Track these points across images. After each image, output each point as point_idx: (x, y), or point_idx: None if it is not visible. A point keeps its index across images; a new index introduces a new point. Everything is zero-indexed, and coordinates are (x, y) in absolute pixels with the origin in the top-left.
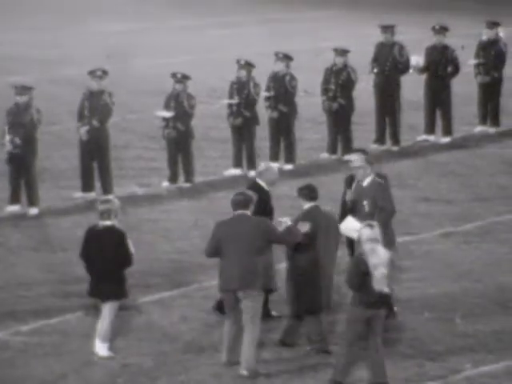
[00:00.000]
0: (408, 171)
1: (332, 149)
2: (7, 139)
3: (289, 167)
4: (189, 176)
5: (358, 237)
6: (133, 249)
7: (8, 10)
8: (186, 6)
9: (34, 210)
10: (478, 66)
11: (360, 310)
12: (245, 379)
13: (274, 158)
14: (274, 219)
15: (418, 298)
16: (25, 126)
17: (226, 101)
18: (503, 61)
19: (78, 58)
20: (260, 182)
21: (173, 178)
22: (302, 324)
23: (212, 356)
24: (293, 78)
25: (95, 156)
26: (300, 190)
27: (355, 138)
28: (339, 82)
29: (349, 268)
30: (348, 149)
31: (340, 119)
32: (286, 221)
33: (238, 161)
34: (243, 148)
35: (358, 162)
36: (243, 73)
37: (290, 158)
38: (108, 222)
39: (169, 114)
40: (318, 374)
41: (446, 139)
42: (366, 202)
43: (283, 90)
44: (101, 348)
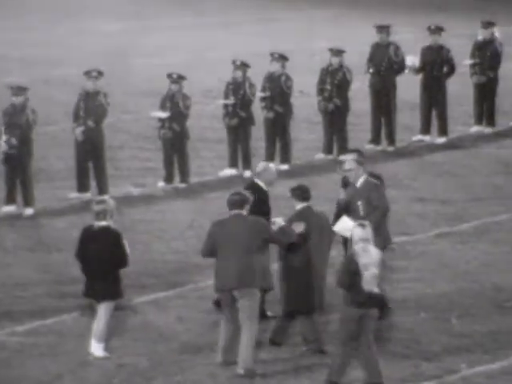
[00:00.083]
0: (403, 171)
1: (327, 149)
2: (3, 140)
3: (284, 167)
4: (184, 176)
5: (350, 236)
6: (128, 249)
7: (2, 10)
8: (182, 7)
9: (29, 211)
10: (473, 66)
11: (351, 309)
12: (241, 379)
13: (270, 158)
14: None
15: (414, 298)
16: (21, 127)
17: (222, 101)
18: (499, 61)
19: (74, 58)
20: (258, 181)
21: (168, 179)
22: (292, 324)
23: (208, 356)
24: (288, 78)
25: (90, 156)
26: (293, 190)
27: (351, 138)
28: (335, 83)
29: (340, 267)
30: (344, 149)
31: (335, 119)
32: (279, 221)
33: (233, 161)
34: (239, 148)
35: (349, 164)
36: (239, 73)
37: (285, 158)
38: (103, 223)
39: (164, 115)
40: (314, 375)
41: (441, 139)
42: (360, 203)
43: (279, 91)
44: (96, 348)
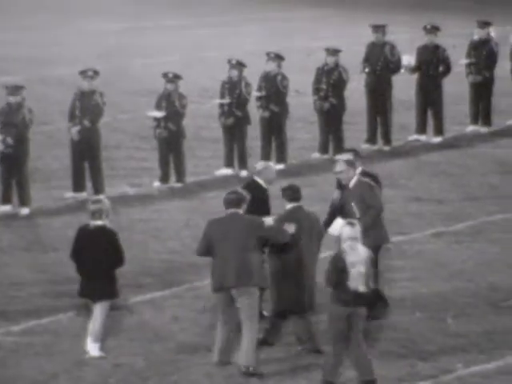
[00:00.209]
0: (399, 171)
1: (323, 148)
2: None
3: (280, 167)
4: (180, 176)
5: (339, 235)
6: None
7: None
8: (177, 6)
9: (25, 210)
10: (469, 65)
11: (338, 307)
12: (237, 379)
13: (266, 157)
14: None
15: (410, 297)
16: (17, 126)
17: (218, 100)
18: (494, 60)
19: (70, 57)
20: (258, 180)
21: (164, 178)
22: (284, 324)
23: (204, 356)
24: (284, 77)
25: (86, 156)
26: (283, 190)
27: (347, 137)
28: (331, 82)
29: (328, 266)
30: (339, 148)
31: (331, 119)
32: (268, 221)
33: (229, 160)
34: (234, 148)
35: (339, 166)
36: (235, 72)
37: (281, 157)
38: (99, 222)
39: (160, 114)
40: (311, 374)
41: (437, 139)
42: (353, 203)
43: (274, 90)
44: (92, 348)
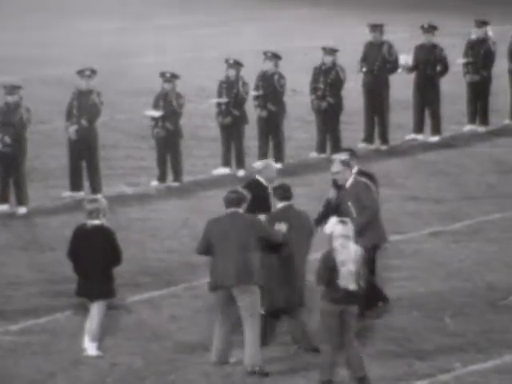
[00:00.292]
0: (397, 170)
1: (321, 148)
2: None
3: (277, 166)
4: (177, 175)
5: (331, 233)
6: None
7: None
8: (175, 6)
9: (22, 210)
10: (466, 64)
11: (329, 305)
12: (235, 378)
13: (263, 157)
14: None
15: (407, 297)
16: (14, 126)
17: (215, 100)
18: (492, 60)
19: (67, 57)
20: (259, 178)
21: (162, 178)
22: (278, 323)
23: (201, 355)
24: (281, 77)
25: (84, 155)
26: (274, 189)
27: (344, 137)
28: (328, 81)
29: (318, 264)
30: (337, 148)
31: (329, 118)
32: (262, 219)
33: (226, 160)
34: (232, 147)
35: (336, 167)
36: (232, 72)
37: (278, 157)
38: (97, 221)
39: (157, 114)
40: (309, 374)
41: (434, 138)
42: (350, 203)
43: (272, 89)
44: (90, 347)
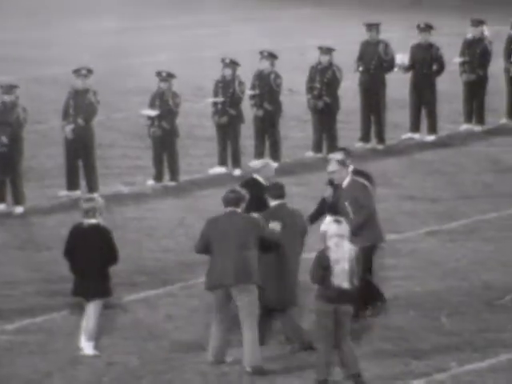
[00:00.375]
0: (393, 169)
1: (317, 147)
2: None
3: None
4: (174, 174)
5: (325, 232)
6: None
7: None
8: (171, 5)
9: (19, 209)
10: (463, 64)
11: (323, 303)
12: (231, 377)
13: (259, 156)
14: None
15: (404, 296)
16: (11, 125)
17: (211, 99)
18: (488, 59)
19: (64, 57)
20: (258, 177)
21: (158, 177)
22: (272, 322)
23: (198, 354)
24: (278, 76)
25: (80, 154)
26: (268, 188)
27: (340, 136)
28: (324, 81)
29: (313, 262)
30: (333, 147)
31: (325, 117)
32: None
33: (222, 159)
34: (228, 146)
35: (332, 166)
36: (228, 71)
37: (274, 156)
38: (93, 221)
39: (154, 113)
40: (304, 373)
41: (431, 137)
42: (347, 203)
43: (268, 89)
44: (86, 346)
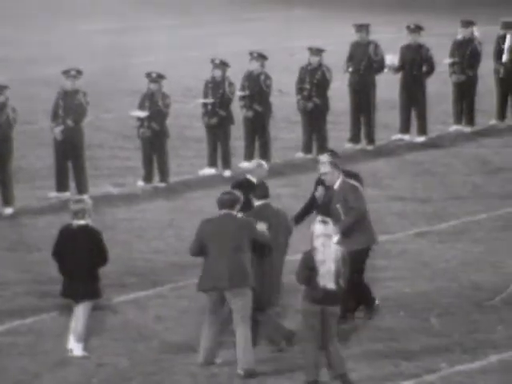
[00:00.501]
0: (383, 170)
1: (307, 148)
2: None
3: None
4: (164, 175)
5: (311, 232)
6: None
7: None
8: (161, 6)
9: (8, 210)
10: (452, 65)
11: (310, 304)
12: (221, 378)
13: (249, 157)
14: None
15: (393, 297)
16: (1, 126)
17: (201, 100)
18: (478, 60)
19: (54, 57)
20: (251, 178)
21: (148, 178)
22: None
23: (187, 355)
24: (267, 77)
25: (70, 155)
26: (254, 188)
27: (330, 137)
28: (314, 82)
29: (299, 263)
30: (323, 148)
31: (315, 118)
32: None
33: (212, 160)
34: (218, 147)
35: (324, 168)
36: (218, 72)
37: (264, 157)
38: (82, 222)
39: (143, 114)
40: (294, 375)
41: (420, 138)
42: (338, 205)
43: (258, 90)
44: (75, 348)
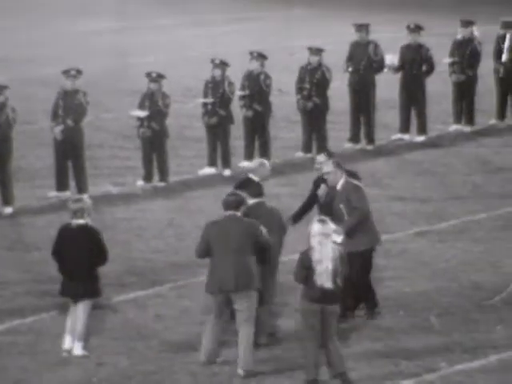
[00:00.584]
0: (383, 170)
1: (306, 148)
2: None
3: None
4: (163, 175)
5: (309, 231)
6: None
7: None
8: (161, 6)
9: (8, 209)
10: (452, 64)
11: (308, 304)
12: (221, 377)
13: (249, 156)
14: None
15: (394, 296)
16: (0, 126)
17: (201, 100)
18: (478, 59)
19: (53, 57)
20: (253, 177)
21: (147, 177)
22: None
23: (187, 355)
24: (267, 76)
25: (70, 155)
26: (248, 187)
27: (330, 137)
28: (314, 81)
29: (296, 262)
30: (323, 148)
31: (315, 118)
32: None
33: (212, 160)
34: (218, 147)
35: (327, 167)
36: (218, 72)
37: (264, 156)
38: (81, 221)
39: (143, 114)
40: (294, 374)
41: (420, 138)
42: (342, 206)
43: (258, 89)
44: (75, 347)
